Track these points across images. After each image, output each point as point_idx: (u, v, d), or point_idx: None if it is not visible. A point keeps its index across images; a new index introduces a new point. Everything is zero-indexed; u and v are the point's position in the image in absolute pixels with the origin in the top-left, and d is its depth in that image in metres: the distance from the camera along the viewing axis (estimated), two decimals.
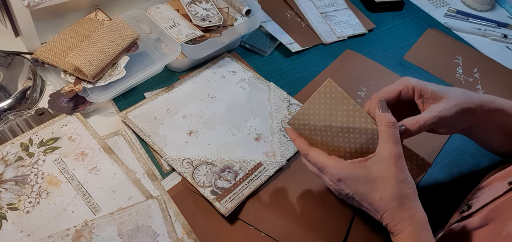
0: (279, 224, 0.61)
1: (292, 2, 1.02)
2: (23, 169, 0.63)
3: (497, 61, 0.97)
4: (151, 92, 0.77)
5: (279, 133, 0.73)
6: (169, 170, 0.66)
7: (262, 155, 0.69)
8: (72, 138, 0.67)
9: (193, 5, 0.84)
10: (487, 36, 1.05)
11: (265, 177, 0.66)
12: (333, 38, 0.96)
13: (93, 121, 0.72)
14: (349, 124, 0.57)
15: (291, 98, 0.79)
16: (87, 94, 0.70)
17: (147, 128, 0.71)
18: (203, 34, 0.80)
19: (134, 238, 0.57)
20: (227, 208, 0.61)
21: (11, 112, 0.69)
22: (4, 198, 0.59)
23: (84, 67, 0.69)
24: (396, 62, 0.93)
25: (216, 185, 0.64)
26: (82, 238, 0.56)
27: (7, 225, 0.56)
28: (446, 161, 0.74)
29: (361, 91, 0.83)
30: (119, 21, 0.77)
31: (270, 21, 0.95)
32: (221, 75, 0.82)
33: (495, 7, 1.16)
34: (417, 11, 1.10)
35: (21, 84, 0.73)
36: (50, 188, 0.61)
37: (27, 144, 0.66)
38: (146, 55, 0.78)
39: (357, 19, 1.02)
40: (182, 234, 0.58)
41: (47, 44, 0.75)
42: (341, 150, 0.59)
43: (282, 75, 0.85)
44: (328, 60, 0.90)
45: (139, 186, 0.63)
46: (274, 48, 0.91)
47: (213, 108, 0.75)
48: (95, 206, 0.60)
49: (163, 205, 0.61)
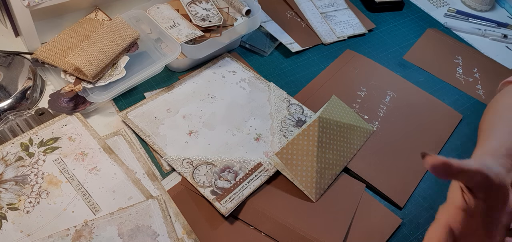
0: (279, 224, 0.61)
1: (292, 2, 1.02)
2: (23, 169, 0.63)
3: (497, 61, 0.97)
4: (151, 92, 0.77)
5: (279, 133, 0.73)
6: (169, 170, 0.66)
7: (262, 155, 0.69)
8: (72, 138, 0.67)
9: (193, 5, 0.84)
10: (487, 36, 1.05)
11: (265, 177, 0.66)
12: (333, 38, 0.96)
13: (93, 121, 0.72)
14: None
15: (291, 98, 0.79)
16: (87, 94, 0.70)
17: (147, 127, 0.71)
18: (203, 34, 0.80)
19: (134, 238, 0.57)
20: (227, 208, 0.61)
21: (11, 112, 0.69)
22: (4, 198, 0.59)
23: (84, 67, 0.69)
24: (396, 62, 0.93)
25: (216, 185, 0.64)
26: (82, 238, 0.56)
27: (7, 225, 0.56)
28: None
29: (361, 91, 0.83)
30: (119, 21, 0.77)
31: (270, 21, 0.95)
32: (221, 75, 0.82)
33: (495, 7, 1.16)
34: (417, 11, 1.10)
35: (21, 84, 0.73)
36: (50, 188, 0.61)
37: (27, 144, 0.66)
38: (146, 55, 0.78)
39: (357, 19, 1.02)
40: (182, 234, 0.58)
41: (47, 44, 0.75)
42: None
43: (282, 75, 0.85)
44: (328, 60, 0.90)
45: (139, 186, 0.63)
46: (274, 48, 0.91)
47: (213, 108, 0.75)
48: (95, 206, 0.60)
49: (163, 205, 0.61)
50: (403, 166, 0.72)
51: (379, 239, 0.62)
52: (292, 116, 0.76)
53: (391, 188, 0.68)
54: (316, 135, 0.67)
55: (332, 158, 0.68)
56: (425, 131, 0.78)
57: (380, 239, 0.62)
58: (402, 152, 0.74)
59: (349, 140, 0.71)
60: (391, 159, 0.72)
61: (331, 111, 0.72)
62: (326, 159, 0.67)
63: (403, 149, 0.74)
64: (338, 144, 0.69)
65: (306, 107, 0.78)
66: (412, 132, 0.77)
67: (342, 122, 0.72)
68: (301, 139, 0.67)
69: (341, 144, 0.70)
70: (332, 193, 0.66)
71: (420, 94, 0.85)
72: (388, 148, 0.74)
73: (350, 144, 0.71)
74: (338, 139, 0.70)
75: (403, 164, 0.72)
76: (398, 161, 0.72)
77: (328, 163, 0.67)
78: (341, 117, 0.72)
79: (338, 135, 0.70)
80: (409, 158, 0.73)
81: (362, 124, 0.75)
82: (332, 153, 0.68)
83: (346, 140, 0.71)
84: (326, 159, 0.67)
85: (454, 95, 0.87)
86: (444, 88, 0.88)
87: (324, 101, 0.76)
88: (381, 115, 0.79)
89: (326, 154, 0.67)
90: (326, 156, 0.67)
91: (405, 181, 0.70)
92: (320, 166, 0.66)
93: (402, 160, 0.72)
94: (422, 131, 0.77)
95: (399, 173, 0.70)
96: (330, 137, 0.69)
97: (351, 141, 0.72)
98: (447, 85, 0.89)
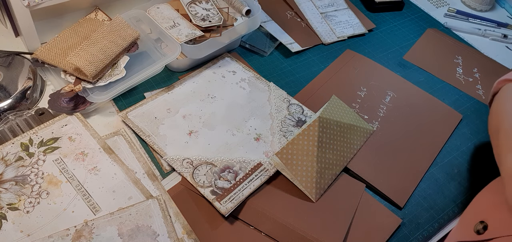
0: (279, 224, 0.61)
1: (292, 2, 1.02)
2: (23, 169, 0.63)
3: (497, 61, 0.97)
4: (151, 92, 0.77)
5: (279, 133, 0.73)
6: (169, 170, 0.66)
7: (262, 155, 0.69)
8: (72, 138, 0.67)
9: (193, 5, 0.84)
10: (487, 36, 1.05)
11: (265, 177, 0.66)
12: (333, 38, 0.96)
13: (93, 121, 0.72)
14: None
15: (291, 98, 0.79)
16: (87, 94, 0.70)
17: (147, 127, 0.71)
18: (203, 34, 0.80)
19: (134, 238, 0.57)
20: (227, 208, 0.61)
21: (11, 113, 0.69)
22: (4, 198, 0.59)
23: (84, 67, 0.69)
24: (396, 62, 0.93)
25: (216, 185, 0.64)
26: (82, 238, 0.56)
27: (7, 225, 0.56)
28: (446, 161, 0.74)
29: (361, 91, 0.83)
30: (119, 21, 0.77)
31: (270, 21, 0.95)
32: (221, 75, 0.82)
33: (495, 7, 1.16)
34: (417, 11, 1.10)
35: (21, 84, 0.73)
36: (50, 188, 0.61)
37: (27, 144, 0.66)
38: (146, 55, 0.78)
39: (357, 19, 1.02)
40: (182, 234, 0.58)
41: (47, 44, 0.75)
42: None
43: (282, 75, 0.85)
44: (328, 60, 0.90)
45: (139, 186, 0.63)
46: (274, 48, 0.91)
47: (213, 108, 0.75)
48: (95, 206, 0.60)
49: (163, 205, 0.61)
50: (403, 166, 0.72)
51: (379, 239, 0.62)
52: (292, 116, 0.76)
53: (391, 188, 0.68)
54: (316, 135, 0.67)
55: (332, 158, 0.68)
56: (425, 131, 0.78)
57: (380, 239, 0.62)
58: (402, 152, 0.74)
59: (349, 140, 0.71)
60: (391, 159, 0.72)
61: (331, 111, 0.72)
62: (326, 159, 0.67)
63: (403, 149, 0.74)
64: (338, 144, 0.69)
65: (306, 107, 0.78)
66: (412, 132, 0.77)
67: (342, 121, 0.72)
68: (301, 139, 0.67)
69: (341, 144, 0.70)
70: (332, 193, 0.66)
71: (420, 94, 0.85)
72: (388, 148, 0.74)
73: (350, 144, 0.71)
74: (338, 139, 0.70)
75: (403, 164, 0.72)
76: (398, 161, 0.72)
77: (328, 163, 0.67)
78: (341, 117, 0.72)
79: (338, 135, 0.70)
80: (409, 158, 0.73)
81: (362, 124, 0.75)
82: (332, 153, 0.68)
83: (346, 140, 0.71)
84: (326, 159, 0.67)
85: (454, 95, 0.87)
86: (444, 88, 0.88)
87: (324, 101, 0.76)
88: (381, 115, 0.79)
89: (326, 154, 0.67)
90: (326, 156, 0.67)
91: (405, 181, 0.70)
92: (320, 166, 0.66)
93: (402, 160, 0.72)
94: (422, 131, 0.77)
95: (399, 173, 0.70)
96: (330, 137, 0.69)
97: (351, 141, 0.72)
98: (447, 85, 0.89)
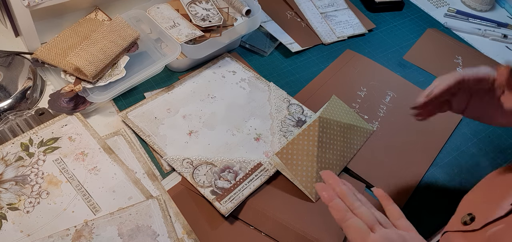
0: (279, 224, 0.61)
1: (292, 2, 1.02)
2: (23, 169, 0.63)
3: (497, 61, 0.97)
4: (151, 92, 0.77)
5: (279, 133, 0.73)
6: (169, 170, 0.66)
7: (262, 155, 0.69)
8: (72, 138, 0.67)
9: (193, 5, 0.84)
10: (487, 36, 1.05)
11: (265, 177, 0.66)
12: (333, 38, 0.96)
13: (93, 121, 0.72)
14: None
15: (291, 98, 0.79)
16: (87, 94, 0.70)
17: (147, 127, 0.71)
18: (203, 34, 0.80)
19: (134, 238, 0.57)
20: (227, 208, 0.61)
21: (11, 112, 0.69)
22: (4, 198, 0.59)
23: (84, 67, 0.69)
24: (396, 62, 0.93)
25: (216, 185, 0.64)
26: (82, 238, 0.56)
27: (7, 225, 0.56)
28: (446, 161, 0.74)
29: (361, 91, 0.83)
30: (119, 21, 0.77)
31: (270, 21, 0.95)
32: (221, 75, 0.82)
33: (495, 7, 1.16)
34: (417, 11, 1.10)
35: (21, 84, 0.73)
36: (50, 188, 0.61)
37: (27, 144, 0.66)
38: (146, 55, 0.78)
39: (357, 19, 1.02)
40: (182, 234, 0.58)
41: (47, 44, 0.75)
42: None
43: (282, 75, 0.85)
44: (328, 60, 0.90)
45: (139, 186, 0.63)
46: (274, 48, 0.91)
47: (213, 108, 0.75)
48: (95, 206, 0.60)
49: (163, 205, 0.61)
50: (403, 166, 0.72)
51: None
52: (292, 116, 0.76)
53: (391, 188, 0.68)
54: (316, 135, 0.67)
55: (332, 158, 0.68)
56: (425, 131, 0.77)
57: None
58: (402, 152, 0.74)
59: (349, 140, 0.71)
60: (391, 159, 0.72)
61: (331, 111, 0.72)
62: (326, 159, 0.67)
63: (403, 149, 0.74)
64: (338, 144, 0.69)
65: (306, 107, 0.78)
66: (412, 132, 0.77)
67: (342, 121, 0.72)
68: (301, 139, 0.67)
69: (341, 144, 0.70)
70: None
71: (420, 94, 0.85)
72: (388, 148, 0.74)
73: (350, 144, 0.71)
74: (338, 139, 0.70)
75: (403, 164, 0.72)
76: (398, 161, 0.72)
77: (328, 163, 0.67)
78: (341, 117, 0.72)
79: (338, 135, 0.70)
80: (409, 158, 0.73)
81: (362, 124, 0.75)
82: (332, 153, 0.68)
83: (346, 140, 0.71)
84: (326, 159, 0.67)
85: None
86: None
87: (324, 101, 0.76)
88: (381, 115, 0.79)
89: (326, 154, 0.67)
90: (326, 156, 0.67)
91: (405, 181, 0.70)
92: (320, 166, 0.66)
93: (402, 160, 0.72)
94: (422, 131, 0.77)
95: (399, 173, 0.70)
96: (330, 137, 0.69)
97: (351, 141, 0.72)
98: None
